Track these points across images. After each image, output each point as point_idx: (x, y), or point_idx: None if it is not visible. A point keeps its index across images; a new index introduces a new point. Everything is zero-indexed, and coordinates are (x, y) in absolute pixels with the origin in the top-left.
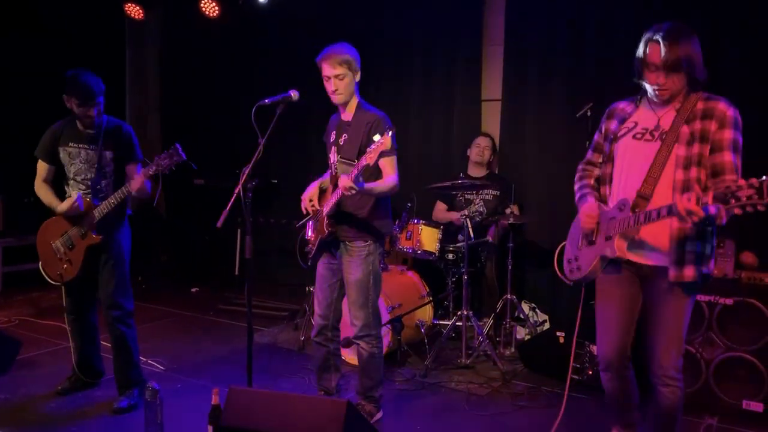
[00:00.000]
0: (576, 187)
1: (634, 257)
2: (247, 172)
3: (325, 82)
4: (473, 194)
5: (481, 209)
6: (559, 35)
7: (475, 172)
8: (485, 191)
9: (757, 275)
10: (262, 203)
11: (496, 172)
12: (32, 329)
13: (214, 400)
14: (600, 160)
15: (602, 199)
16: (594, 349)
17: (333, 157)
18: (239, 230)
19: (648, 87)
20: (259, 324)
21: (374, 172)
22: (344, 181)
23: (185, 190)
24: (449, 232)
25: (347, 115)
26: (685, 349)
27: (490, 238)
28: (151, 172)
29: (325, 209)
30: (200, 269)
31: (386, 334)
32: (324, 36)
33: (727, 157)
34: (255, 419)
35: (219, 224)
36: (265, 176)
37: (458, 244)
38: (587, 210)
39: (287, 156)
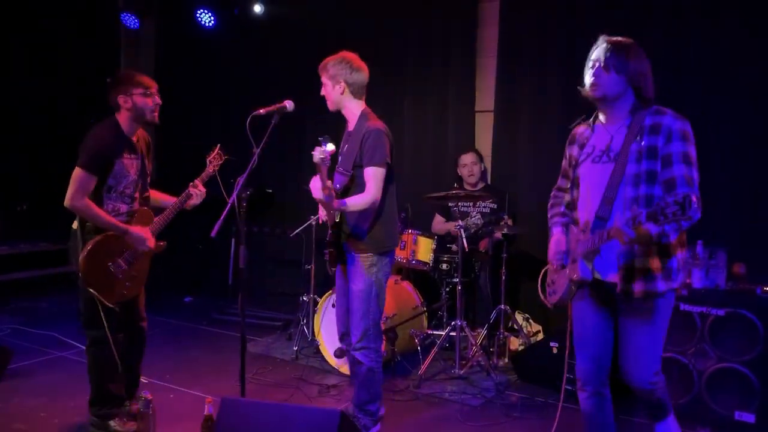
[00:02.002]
0: (548, 215)
1: (598, 276)
2: (241, 181)
3: None
4: (469, 206)
5: (478, 221)
6: (552, 47)
7: (471, 186)
8: (482, 204)
9: (749, 286)
10: (256, 213)
11: (490, 183)
12: (25, 338)
13: (207, 410)
14: (568, 186)
15: (575, 223)
16: None
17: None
18: (233, 239)
19: (588, 90)
20: (252, 334)
21: (361, 184)
22: (316, 189)
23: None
24: (444, 243)
25: (351, 125)
26: (678, 359)
27: (481, 248)
28: (210, 172)
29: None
30: (194, 279)
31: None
32: (319, 46)
33: (677, 171)
34: (248, 429)
35: (213, 234)
36: (259, 186)
37: (452, 254)
38: (553, 246)
39: (282, 166)
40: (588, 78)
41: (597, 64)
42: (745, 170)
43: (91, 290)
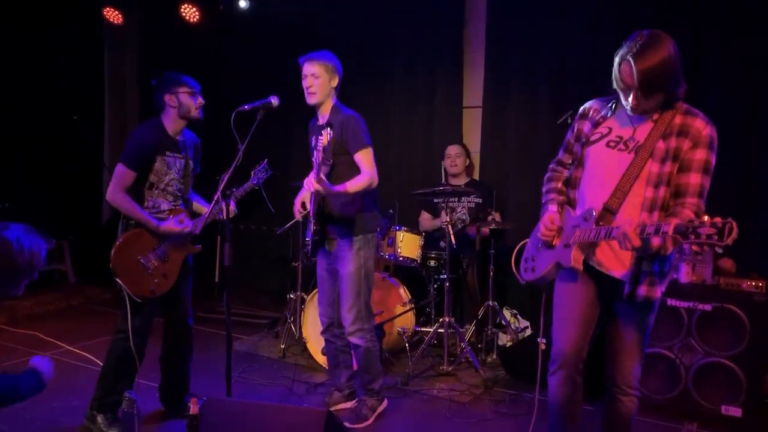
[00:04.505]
0: (543, 189)
1: (597, 266)
2: (226, 178)
3: (303, 81)
4: (455, 202)
5: (464, 217)
6: (541, 42)
7: (456, 180)
8: (467, 199)
9: (735, 281)
10: (243, 210)
11: (477, 179)
12: (6, 338)
13: (193, 410)
14: (570, 161)
15: (570, 203)
16: None
17: (316, 160)
18: (219, 237)
19: (623, 100)
20: (239, 332)
21: (352, 168)
22: (310, 183)
23: None
24: (431, 239)
25: (323, 118)
26: (665, 354)
27: (471, 235)
28: (253, 184)
29: (311, 210)
30: None
31: None
32: (305, 42)
33: (694, 179)
34: (233, 430)
35: (197, 230)
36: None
37: (440, 251)
38: (547, 222)
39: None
40: (625, 100)
41: (633, 91)
42: (731, 166)
43: (118, 281)
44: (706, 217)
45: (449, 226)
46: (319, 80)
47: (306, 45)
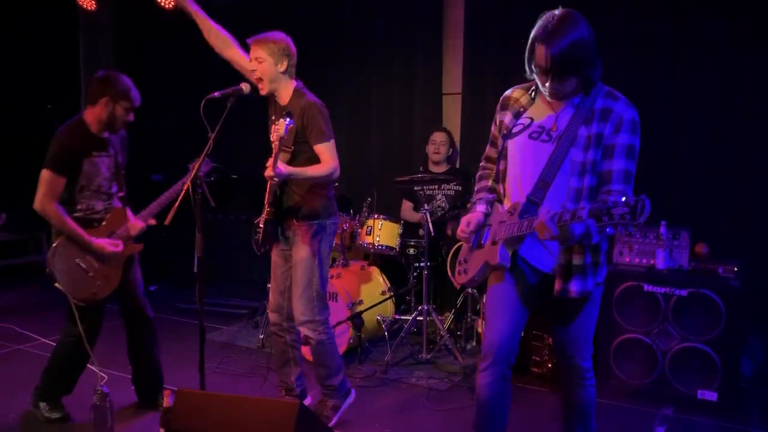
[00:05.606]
0: (474, 188)
1: (533, 262)
2: (196, 166)
3: None
4: (434, 189)
5: (443, 205)
6: (520, 27)
7: (436, 167)
8: (447, 186)
9: (711, 266)
10: (221, 199)
11: (457, 166)
12: None
13: (166, 402)
14: (496, 156)
15: (499, 198)
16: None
17: (273, 137)
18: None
19: (540, 85)
20: (218, 322)
21: (312, 159)
22: (267, 172)
23: (142, 187)
24: (410, 227)
25: (283, 99)
26: (642, 340)
27: (449, 232)
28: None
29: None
30: (159, 267)
31: (346, 331)
32: (281, 28)
33: (617, 165)
34: (205, 422)
35: (167, 221)
36: (224, 172)
37: (419, 239)
38: (463, 223)
39: (247, 151)
40: (541, 82)
41: (547, 74)
42: (707, 148)
43: (57, 286)
44: (618, 198)
45: (427, 213)
46: (263, 65)
47: (281, 30)
